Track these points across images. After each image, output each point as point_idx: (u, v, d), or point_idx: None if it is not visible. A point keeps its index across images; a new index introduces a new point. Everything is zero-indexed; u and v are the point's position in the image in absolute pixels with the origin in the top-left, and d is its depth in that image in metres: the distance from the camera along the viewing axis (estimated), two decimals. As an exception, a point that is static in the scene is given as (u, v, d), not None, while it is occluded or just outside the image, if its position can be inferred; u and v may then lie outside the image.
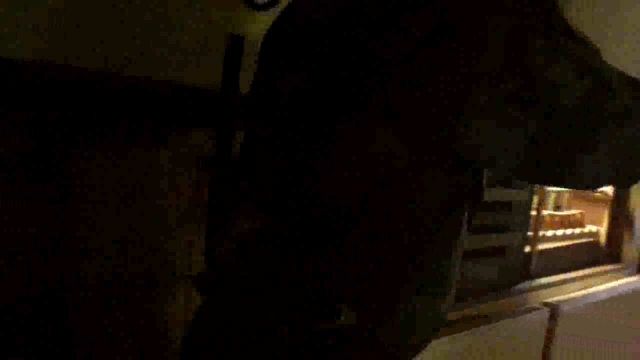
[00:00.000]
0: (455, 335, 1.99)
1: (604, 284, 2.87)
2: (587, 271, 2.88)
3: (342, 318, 0.92)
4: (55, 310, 1.30)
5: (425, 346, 1.05)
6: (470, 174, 0.98)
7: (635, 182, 0.97)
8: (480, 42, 0.85)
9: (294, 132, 0.96)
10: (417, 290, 0.97)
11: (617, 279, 3.01)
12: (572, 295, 2.62)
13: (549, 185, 1.17)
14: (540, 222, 2.54)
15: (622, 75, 0.92)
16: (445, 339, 1.91)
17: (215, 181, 1.16)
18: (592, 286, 2.79)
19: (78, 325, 1.33)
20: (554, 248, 2.73)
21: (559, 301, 2.49)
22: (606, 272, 3.00)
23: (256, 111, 1.08)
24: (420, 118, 0.87)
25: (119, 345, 1.39)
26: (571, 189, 2.78)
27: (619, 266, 3.10)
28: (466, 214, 1.01)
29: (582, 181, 0.93)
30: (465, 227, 1.02)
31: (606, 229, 3.13)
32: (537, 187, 2.41)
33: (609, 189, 3.05)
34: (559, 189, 2.73)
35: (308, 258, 0.94)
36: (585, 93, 0.87)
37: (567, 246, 2.83)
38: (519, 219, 2.33)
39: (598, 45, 0.95)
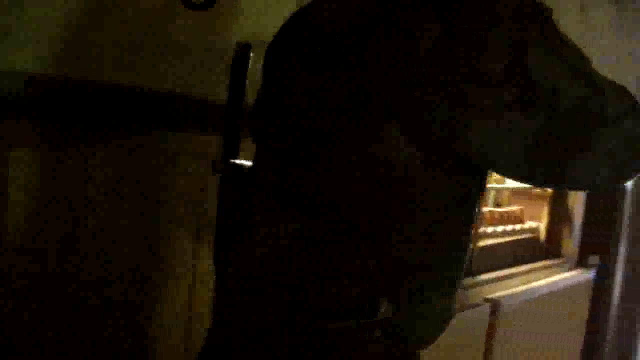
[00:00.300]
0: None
1: (545, 279, 2.92)
2: (527, 266, 2.92)
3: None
4: (54, 310, 1.31)
5: (427, 347, 1.04)
6: (471, 175, 0.97)
7: (629, 180, 0.98)
8: (481, 44, 0.85)
9: (294, 132, 0.96)
10: (418, 290, 0.97)
11: (557, 273, 3.07)
12: (513, 290, 2.65)
13: (549, 185, 1.17)
14: (480, 218, 2.57)
15: (610, 81, 0.93)
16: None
17: (224, 182, 1.18)
18: (532, 281, 2.83)
19: (77, 324, 1.35)
20: (495, 244, 2.76)
21: (500, 297, 2.52)
22: (546, 267, 3.05)
23: (258, 112, 1.08)
24: (421, 118, 0.87)
25: (119, 345, 1.42)
26: (572, 190, 2.79)
27: (559, 261, 3.16)
28: (472, 213, 1.01)
29: (582, 181, 0.93)
30: (471, 227, 1.02)
31: (546, 224, 3.18)
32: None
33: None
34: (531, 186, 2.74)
35: (308, 258, 0.94)
36: (583, 94, 0.87)
37: (508, 242, 2.86)
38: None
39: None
